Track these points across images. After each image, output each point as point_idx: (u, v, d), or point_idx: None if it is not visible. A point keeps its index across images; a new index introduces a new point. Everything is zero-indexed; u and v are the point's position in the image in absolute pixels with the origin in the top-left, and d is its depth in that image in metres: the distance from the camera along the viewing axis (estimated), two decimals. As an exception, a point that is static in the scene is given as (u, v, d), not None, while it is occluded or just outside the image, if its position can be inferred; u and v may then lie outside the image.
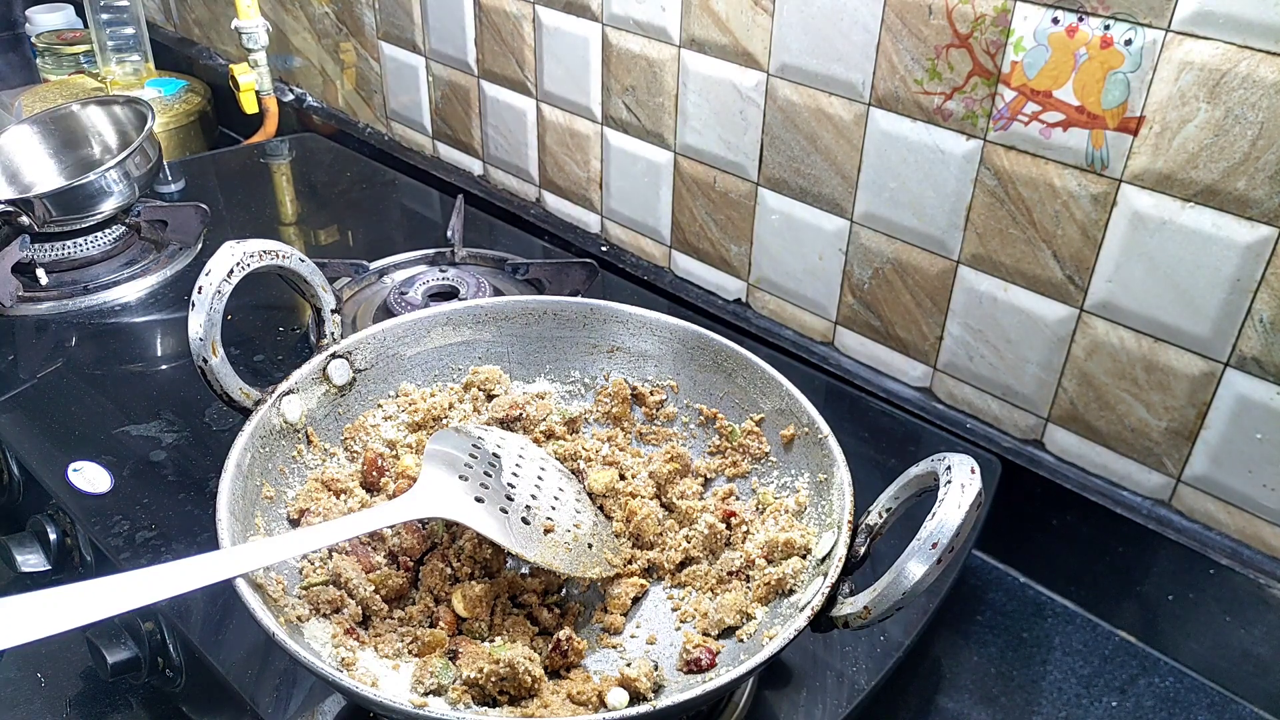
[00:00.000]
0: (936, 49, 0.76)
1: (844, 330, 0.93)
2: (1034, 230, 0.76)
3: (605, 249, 1.11)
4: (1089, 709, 0.72)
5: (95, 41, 1.45)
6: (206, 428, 0.82)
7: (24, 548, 0.77)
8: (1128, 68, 0.67)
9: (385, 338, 0.70)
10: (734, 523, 0.65)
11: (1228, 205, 0.66)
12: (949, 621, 0.78)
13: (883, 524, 0.56)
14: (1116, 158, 0.70)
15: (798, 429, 0.65)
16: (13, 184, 1.08)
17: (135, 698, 0.72)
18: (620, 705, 0.54)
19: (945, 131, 0.78)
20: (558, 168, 1.13)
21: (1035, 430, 0.82)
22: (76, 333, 0.95)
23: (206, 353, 0.60)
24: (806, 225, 0.91)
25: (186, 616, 0.65)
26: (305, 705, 0.60)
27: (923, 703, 0.73)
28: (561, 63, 1.06)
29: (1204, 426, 0.72)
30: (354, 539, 0.61)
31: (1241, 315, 0.67)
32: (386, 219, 1.19)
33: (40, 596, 0.44)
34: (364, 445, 0.68)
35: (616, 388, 0.72)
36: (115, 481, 0.75)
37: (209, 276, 0.59)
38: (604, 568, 0.62)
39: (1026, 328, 0.79)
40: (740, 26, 0.88)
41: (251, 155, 1.35)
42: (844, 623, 0.53)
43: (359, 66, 1.34)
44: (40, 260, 1.01)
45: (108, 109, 1.13)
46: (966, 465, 0.51)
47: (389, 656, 0.56)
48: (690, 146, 0.98)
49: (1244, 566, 0.71)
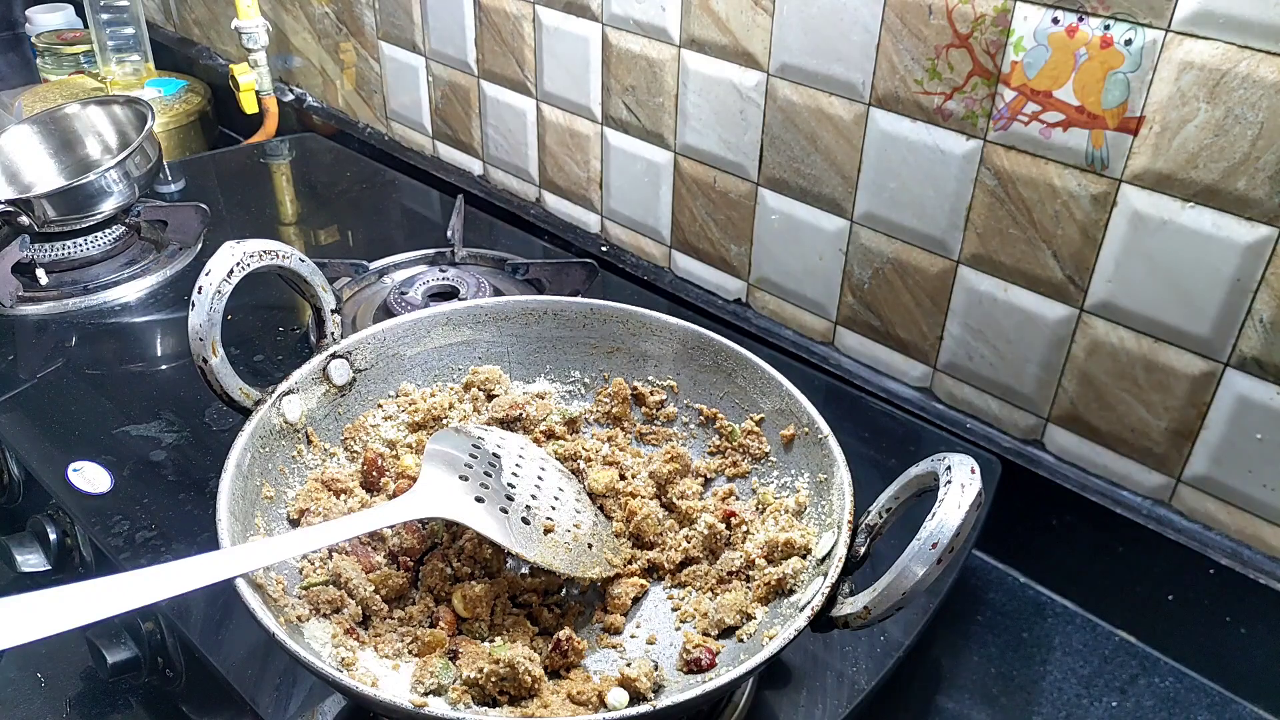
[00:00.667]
0: (936, 49, 0.76)
1: (844, 330, 0.93)
2: (1034, 230, 0.76)
3: (605, 249, 1.11)
4: (1089, 709, 0.72)
5: (95, 41, 1.45)
6: (206, 428, 0.82)
7: (24, 548, 0.77)
8: (1128, 68, 0.67)
9: (385, 338, 0.70)
10: (734, 523, 0.65)
11: (1228, 205, 0.66)
12: (949, 621, 0.78)
13: (883, 524, 0.56)
14: (1116, 158, 0.70)
15: (798, 429, 0.65)
16: (13, 184, 1.08)
17: (135, 698, 0.72)
18: (620, 705, 0.54)
19: (945, 131, 0.78)
20: (558, 168, 1.13)
21: (1035, 430, 0.82)
22: (76, 333, 0.95)
23: (206, 353, 0.60)
24: (806, 225, 0.91)
25: (186, 616, 0.65)
26: (305, 705, 0.60)
27: (923, 703, 0.73)
28: (561, 63, 1.06)
29: (1204, 426, 0.72)
30: (354, 539, 0.61)
31: (1241, 315, 0.67)
32: (386, 219, 1.19)
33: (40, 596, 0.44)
34: (364, 445, 0.68)
35: (616, 388, 0.72)
36: (115, 481, 0.75)
37: (209, 276, 0.59)
38: (604, 568, 0.62)
39: (1026, 328, 0.79)
40: (740, 26, 0.88)
41: (251, 155, 1.35)
42: (844, 623, 0.53)
43: (359, 66, 1.34)
44: (40, 260, 1.01)
45: (107, 109, 1.13)
46: (966, 465, 0.51)
47: (389, 656, 0.56)
48: (690, 146, 0.98)
49: (1244, 566, 0.71)
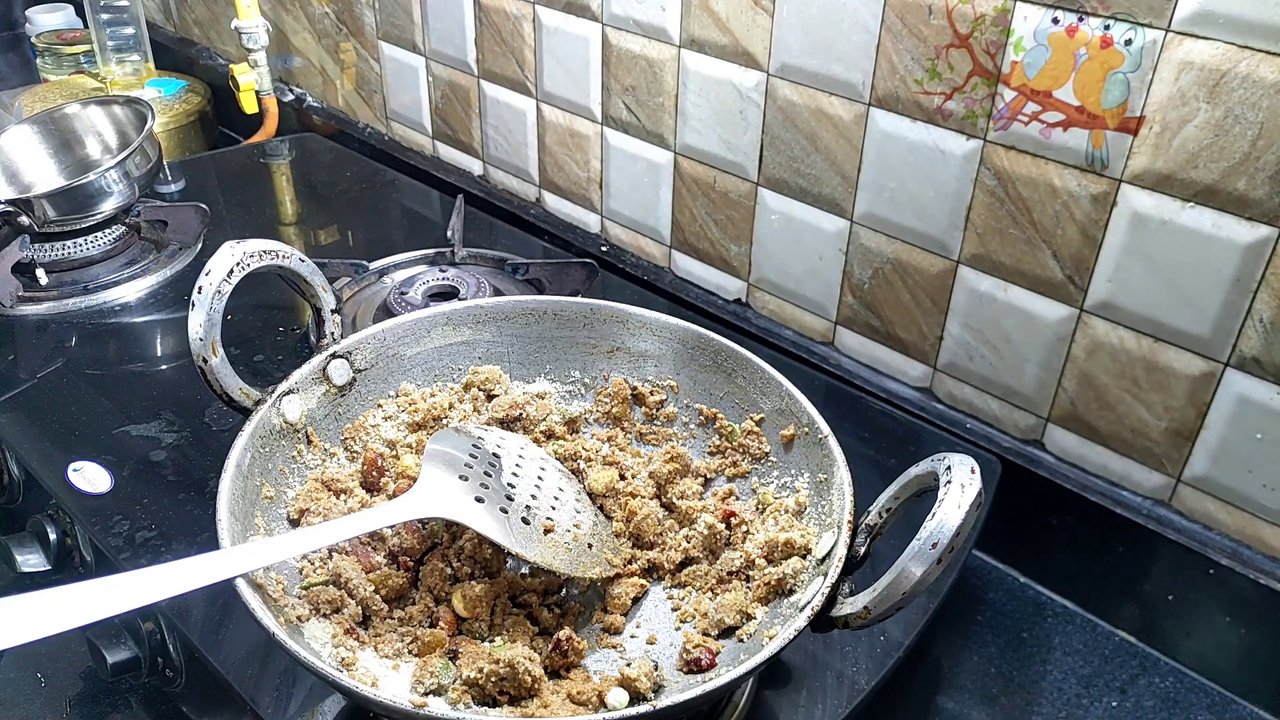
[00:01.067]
0: (936, 49, 0.76)
1: (844, 330, 0.93)
2: (1034, 230, 0.76)
3: (605, 249, 1.11)
4: (1089, 709, 0.72)
5: (95, 41, 1.44)
6: (206, 428, 0.82)
7: (24, 548, 0.77)
8: (1128, 68, 0.67)
9: (385, 338, 0.70)
10: (734, 523, 0.65)
11: (1228, 205, 0.66)
12: (949, 621, 0.78)
13: (883, 524, 0.56)
14: (1116, 158, 0.70)
15: (798, 429, 0.65)
16: (13, 184, 1.08)
17: (135, 698, 0.72)
18: (620, 705, 0.54)
19: (945, 131, 0.78)
20: (558, 168, 1.13)
21: (1035, 430, 0.82)
22: (76, 333, 0.95)
23: (206, 353, 0.60)
24: (806, 225, 0.91)
25: (186, 616, 0.65)
26: (305, 705, 0.60)
27: (923, 703, 0.73)
28: (561, 63, 1.06)
29: (1204, 426, 0.72)
30: (354, 539, 0.61)
31: (1241, 315, 0.67)
32: (386, 219, 1.19)
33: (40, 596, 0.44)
34: (364, 445, 0.68)
35: (616, 388, 0.72)
36: (115, 481, 0.75)
37: (209, 276, 0.59)
38: (604, 568, 0.62)
39: (1026, 328, 0.79)
40: (740, 26, 0.88)
41: (251, 155, 1.35)
42: (844, 623, 0.53)
43: (359, 66, 1.34)
44: (40, 260, 1.01)
45: (107, 109, 1.13)
46: (966, 465, 0.51)
47: (389, 656, 0.56)
48: (690, 146, 0.98)
49: (1244, 566, 0.71)
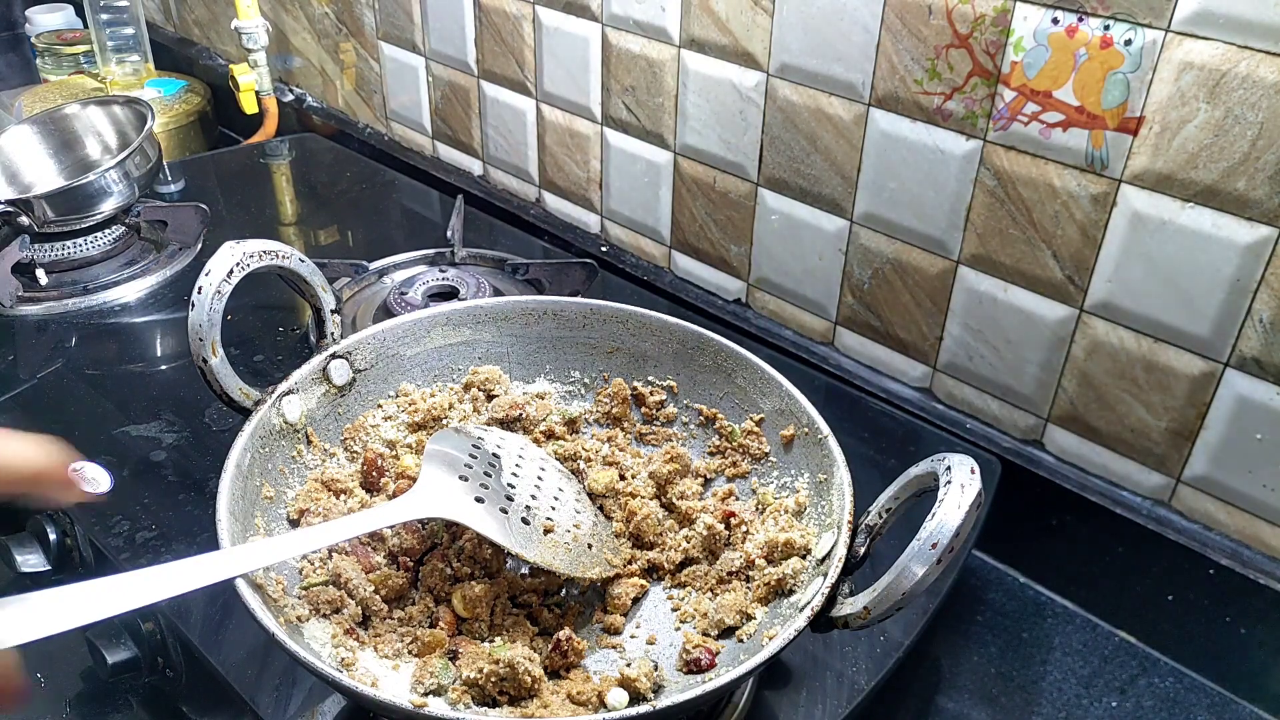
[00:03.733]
0: (936, 49, 0.76)
1: (844, 330, 0.93)
2: (1034, 230, 0.76)
3: (605, 249, 1.11)
4: (1089, 709, 0.72)
5: (95, 42, 1.44)
6: (206, 428, 0.82)
7: (24, 548, 0.77)
8: (1128, 68, 0.67)
9: (385, 338, 0.70)
10: (734, 523, 0.65)
11: (1227, 205, 0.66)
12: (949, 621, 0.78)
13: (883, 524, 0.56)
14: (1116, 158, 0.70)
15: (798, 429, 0.65)
16: (13, 184, 1.08)
17: (135, 698, 0.72)
18: (620, 705, 0.54)
19: (945, 131, 0.78)
20: (557, 168, 1.13)
21: (1035, 430, 0.82)
22: (76, 333, 0.95)
23: (206, 353, 0.60)
24: (806, 225, 0.91)
25: (186, 616, 0.65)
26: (305, 705, 0.60)
27: (923, 703, 0.72)
28: (561, 63, 1.06)
29: (1204, 426, 0.72)
30: (354, 539, 0.61)
31: (1241, 315, 0.67)
32: (386, 219, 1.19)
33: (40, 596, 0.44)
34: (364, 445, 0.68)
35: (616, 388, 0.72)
36: (115, 481, 0.75)
37: (209, 276, 0.59)
38: (604, 568, 0.62)
39: (1026, 328, 0.79)
40: (740, 26, 0.88)
41: (251, 155, 1.35)
42: (844, 623, 0.53)
43: (359, 67, 1.34)
44: (40, 260, 1.01)
45: (107, 109, 1.13)
46: (966, 465, 0.51)
47: (389, 656, 0.56)
48: (690, 147, 0.98)
49: (1244, 566, 0.71)
